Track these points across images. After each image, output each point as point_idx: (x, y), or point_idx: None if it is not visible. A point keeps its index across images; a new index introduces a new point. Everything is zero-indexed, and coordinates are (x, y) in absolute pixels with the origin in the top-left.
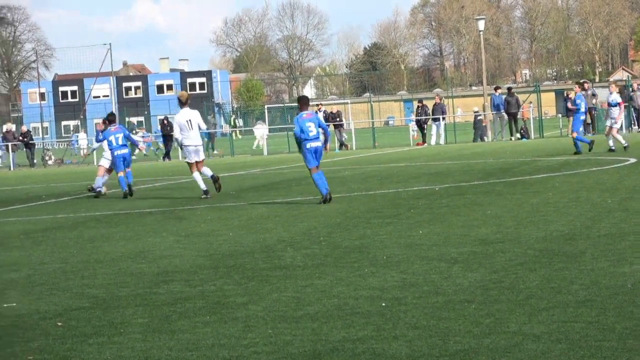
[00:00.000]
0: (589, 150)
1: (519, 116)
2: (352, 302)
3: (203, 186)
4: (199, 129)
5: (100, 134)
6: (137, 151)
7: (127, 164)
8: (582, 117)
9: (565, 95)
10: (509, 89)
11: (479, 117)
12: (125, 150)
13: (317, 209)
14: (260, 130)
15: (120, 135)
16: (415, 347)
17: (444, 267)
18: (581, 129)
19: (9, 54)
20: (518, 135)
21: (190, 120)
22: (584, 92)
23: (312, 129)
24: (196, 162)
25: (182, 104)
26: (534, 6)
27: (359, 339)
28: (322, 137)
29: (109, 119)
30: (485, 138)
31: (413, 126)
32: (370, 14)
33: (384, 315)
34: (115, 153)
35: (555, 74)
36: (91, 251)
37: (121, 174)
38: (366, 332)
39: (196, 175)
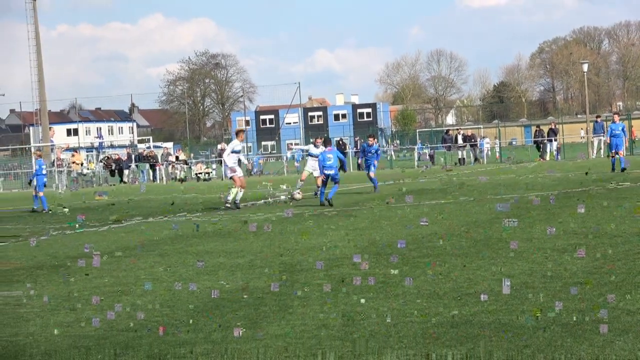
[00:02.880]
0: None
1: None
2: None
3: (238, 198)
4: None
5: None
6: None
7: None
8: None
9: None
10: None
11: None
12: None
13: (459, 209)
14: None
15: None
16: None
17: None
18: None
19: (222, 91)
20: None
21: (240, 150)
22: None
23: (331, 159)
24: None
25: (236, 135)
26: (627, 52)
27: (478, 313)
28: (338, 164)
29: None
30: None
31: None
32: (499, 59)
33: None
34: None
35: None
36: (287, 241)
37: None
38: (496, 307)
39: (235, 190)
